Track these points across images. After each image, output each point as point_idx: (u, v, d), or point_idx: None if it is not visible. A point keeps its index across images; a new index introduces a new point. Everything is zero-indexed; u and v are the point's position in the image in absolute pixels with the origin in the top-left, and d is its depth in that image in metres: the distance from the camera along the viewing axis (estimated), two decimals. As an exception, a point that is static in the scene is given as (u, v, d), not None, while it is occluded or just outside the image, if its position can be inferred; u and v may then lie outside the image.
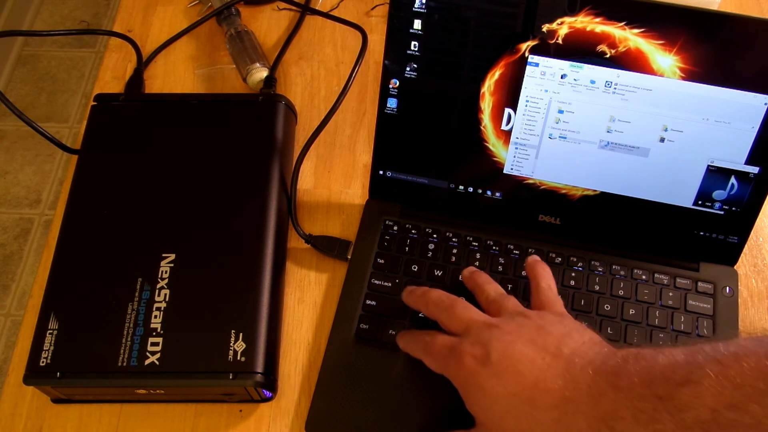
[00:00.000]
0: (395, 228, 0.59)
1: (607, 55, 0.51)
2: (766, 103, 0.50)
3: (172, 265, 0.53)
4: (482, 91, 0.54)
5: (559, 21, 0.50)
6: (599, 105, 0.53)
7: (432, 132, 0.57)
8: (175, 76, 0.72)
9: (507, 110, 0.55)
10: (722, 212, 0.56)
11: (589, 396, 0.40)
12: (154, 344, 0.50)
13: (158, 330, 0.50)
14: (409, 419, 0.51)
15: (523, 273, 0.57)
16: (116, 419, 0.52)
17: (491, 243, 0.58)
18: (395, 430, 0.51)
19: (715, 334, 0.55)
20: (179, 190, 0.57)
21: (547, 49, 0.52)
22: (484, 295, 0.51)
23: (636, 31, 0.49)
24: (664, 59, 0.50)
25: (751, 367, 0.35)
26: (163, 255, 0.53)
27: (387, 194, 0.61)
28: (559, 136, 0.55)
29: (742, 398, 0.34)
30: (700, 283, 0.57)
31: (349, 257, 0.59)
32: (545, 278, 0.52)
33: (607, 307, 0.56)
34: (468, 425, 0.46)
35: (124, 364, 0.49)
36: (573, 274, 0.57)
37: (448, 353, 0.46)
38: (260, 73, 0.69)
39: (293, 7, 0.76)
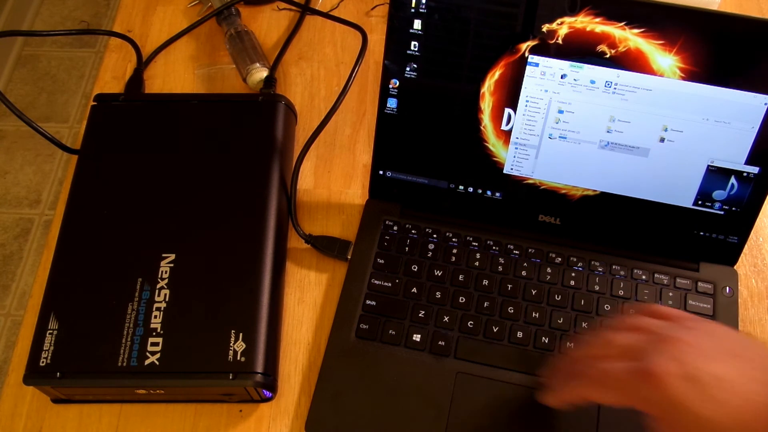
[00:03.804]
0: (395, 228, 0.59)
1: (607, 55, 0.51)
2: (766, 103, 0.50)
3: (172, 265, 0.53)
4: (482, 91, 0.54)
5: (559, 21, 0.50)
6: (599, 105, 0.53)
7: (432, 132, 0.57)
8: (175, 76, 0.72)
9: (507, 110, 0.55)
10: (722, 212, 0.56)
11: None
12: (154, 344, 0.50)
13: (158, 330, 0.50)
14: (409, 419, 0.51)
15: (524, 273, 0.57)
16: (116, 419, 0.52)
17: (491, 243, 0.58)
18: (395, 429, 0.51)
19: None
20: (179, 190, 0.57)
21: (547, 49, 0.52)
22: (619, 348, 0.42)
23: (636, 31, 0.49)
24: (664, 59, 0.50)
25: None
26: (163, 255, 0.53)
27: (387, 194, 0.61)
28: (559, 136, 0.55)
29: None
30: (699, 284, 0.57)
31: (349, 257, 0.59)
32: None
33: (607, 307, 0.56)
34: None
35: (124, 364, 0.49)
36: (573, 274, 0.57)
37: (634, 378, 0.39)
38: (260, 73, 0.69)
39: (293, 7, 0.76)
